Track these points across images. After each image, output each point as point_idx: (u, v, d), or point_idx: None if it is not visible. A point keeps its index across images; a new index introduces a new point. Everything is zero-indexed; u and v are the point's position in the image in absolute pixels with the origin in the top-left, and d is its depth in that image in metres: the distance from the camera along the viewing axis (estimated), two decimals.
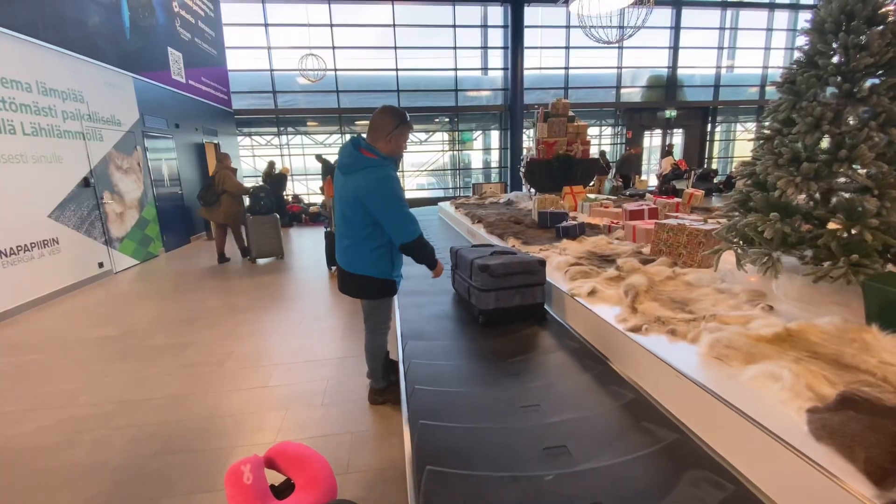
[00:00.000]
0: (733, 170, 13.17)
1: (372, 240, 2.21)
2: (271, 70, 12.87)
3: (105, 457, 2.21)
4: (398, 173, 2.31)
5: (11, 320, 4.41)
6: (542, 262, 2.48)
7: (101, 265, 6.06)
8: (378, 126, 2.15)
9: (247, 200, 6.90)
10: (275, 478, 1.37)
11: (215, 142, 10.58)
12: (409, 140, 2.28)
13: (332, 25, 12.74)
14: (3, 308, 4.45)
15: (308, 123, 13.90)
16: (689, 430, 1.54)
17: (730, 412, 1.38)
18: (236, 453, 2.20)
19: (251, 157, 13.63)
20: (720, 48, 15.32)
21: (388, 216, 2.14)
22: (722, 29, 15.17)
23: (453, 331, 2.43)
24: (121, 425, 2.48)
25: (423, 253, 2.27)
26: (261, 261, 6.88)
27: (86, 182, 5.89)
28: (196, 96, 9.80)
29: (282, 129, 13.63)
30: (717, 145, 16.54)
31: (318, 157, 7.43)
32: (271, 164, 10.82)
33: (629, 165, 11.03)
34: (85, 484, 2.02)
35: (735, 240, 2.26)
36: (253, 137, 13.66)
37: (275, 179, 10.48)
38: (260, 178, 10.93)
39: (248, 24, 12.39)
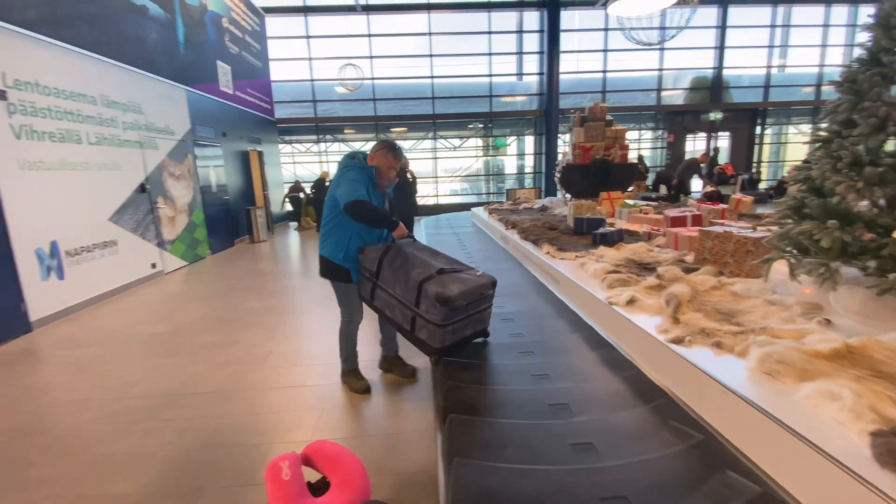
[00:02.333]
0: (784, 174, 12.47)
1: (334, 228, 2.58)
2: (312, 80, 13.32)
3: (154, 447, 2.33)
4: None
5: (74, 315, 4.75)
6: (494, 284, 2.32)
7: (153, 266, 6.43)
8: (374, 147, 2.68)
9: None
10: (310, 475, 1.41)
11: (259, 150, 11.04)
12: (390, 163, 2.61)
13: (370, 36, 13.06)
14: (68, 304, 4.79)
15: (345, 131, 14.26)
16: (736, 447, 1.46)
17: (782, 431, 1.30)
18: (275, 449, 2.27)
19: (292, 164, 14.12)
20: (770, 47, 14.58)
21: (340, 189, 2.47)
22: (773, 27, 14.45)
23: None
24: (169, 418, 2.62)
25: (366, 211, 2.41)
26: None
27: (142, 188, 6.28)
28: (242, 106, 10.27)
29: (321, 136, 14.06)
30: (766, 148, 15.71)
31: None
32: (325, 175, 11.10)
33: (691, 172, 9.63)
34: (136, 472, 2.14)
35: (788, 248, 2.14)
36: (293, 145, 14.16)
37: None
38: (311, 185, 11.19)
39: (290, 36, 12.89)
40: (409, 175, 5.77)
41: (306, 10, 12.78)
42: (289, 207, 12.40)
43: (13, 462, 2.26)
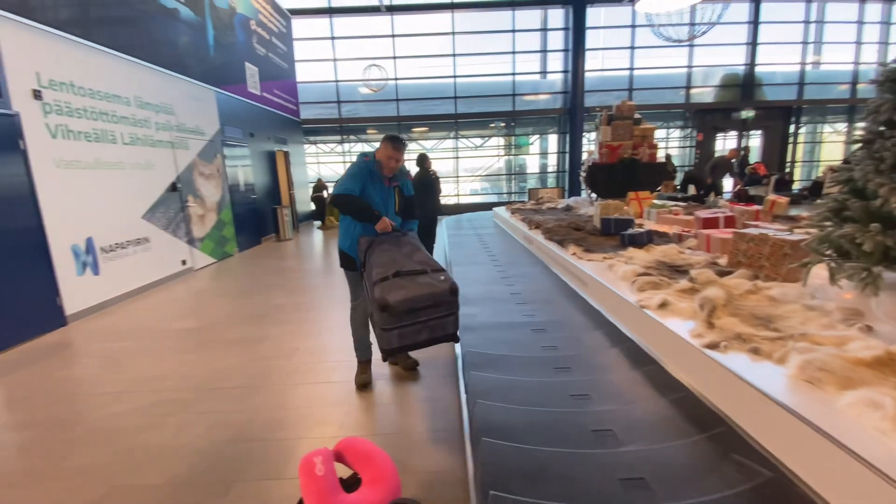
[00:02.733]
0: (819, 174, 12.00)
1: (343, 219, 2.78)
2: (336, 81, 13.49)
3: (186, 440, 2.40)
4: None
5: (109, 310, 4.93)
6: (455, 291, 2.19)
7: (183, 263, 6.62)
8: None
9: None
10: (341, 471, 1.42)
11: (285, 150, 11.24)
12: (389, 153, 2.64)
13: (393, 36, 13.15)
14: (103, 298, 4.98)
15: (368, 131, 14.40)
16: (773, 455, 1.41)
17: (822, 440, 1.25)
18: (302, 444, 2.30)
19: (316, 164, 14.35)
20: (805, 43, 14.06)
21: (337, 184, 2.71)
22: (807, 23, 13.93)
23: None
24: (200, 411, 2.69)
25: (344, 203, 2.58)
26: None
27: (173, 187, 6.47)
28: (269, 107, 10.48)
29: (344, 136, 14.23)
30: (800, 148, 15.15)
31: None
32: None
33: (721, 171, 9.30)
34: (168, 463, 2.21)
35: (828, 252, 2.06)
36: (318, 145, 14.37)
37: None
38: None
39: (315, 38, 13.08)
40: (432, 174, 5.78)
41: (331, 12, 12.96)
42: (312, 207, 12.62)
43: (50, 452, 2.36)
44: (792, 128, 14.48)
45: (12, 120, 4.07)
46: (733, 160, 9.45)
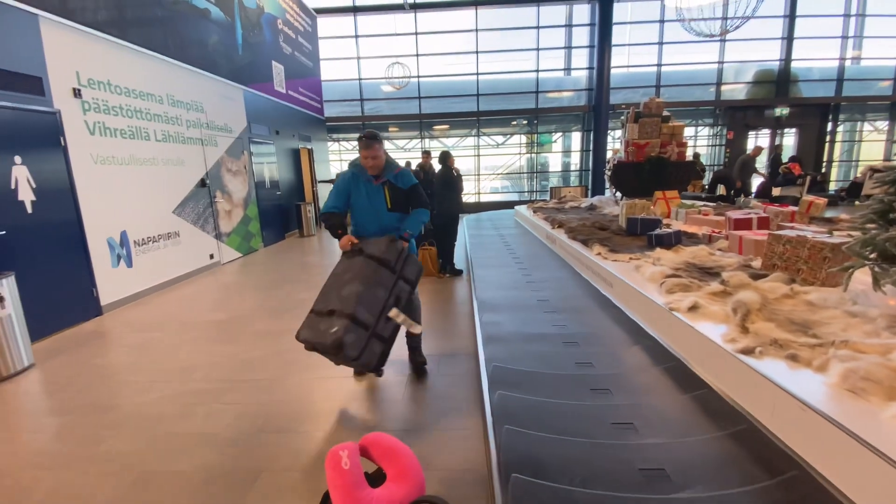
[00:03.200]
0: (858, 175, 11.48)
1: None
2: (359, 79, 13.60)
3: (215, 429, 2.47)
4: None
5: (141, 301, 5.10)
6: (338, 346, 2.28)
7: (211, 257, 6.79)
8: None
9: None
10: (366, 466, 1.43)
11: (309, 147, 11.40)
12: (363, 153, 2.71)
13: (416, 34, 13.17)
14: (136, 290, 5.16)
15: (389, 129, 14.48)
16: (812, 467, 1.36)
17: (867, 453, 1.20)
18: (327, 437, 2.34)
19: (339, 161, 14.50)
20: (844, 37, 13.46)
21: None
22: (846, 16, 13.32)
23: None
24: (229, 402, 2.76)
25: (325, 221, 2.82)
26: None
27: (202, 183, 6.64)
28: (294, 105, 10.64)
29: None
30: (837, 146, 14.53)
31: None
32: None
33: (748, 170, 8.89)
34: (198, 451, 2.27)
35: (872, 256, 1.97)
36: (341, 143, 14.53)
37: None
38: None
39: (340, 36, 13.21)
40: (454, 171, 5.77)
41: (356, 10, 13.06)
42: None
43: (85, 437, 2.45)
44: (829, 126, 13.89)
45: (54, 117, 4.24)
46: (756, 157, 9.13)
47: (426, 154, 7.08)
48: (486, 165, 14.71)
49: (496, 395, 1.99)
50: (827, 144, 13.97)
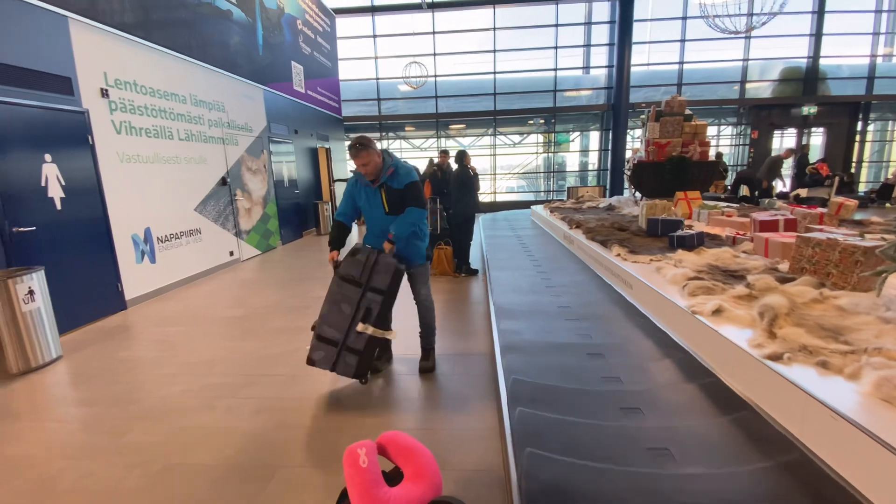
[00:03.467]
0: (889, 176, 11.07)
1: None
2: (377, 79, 13.67)
3: (235, 423, 2.50)
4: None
5: (165, 296, 5.22)
6: (310, 363, 2.68)
7: (231, 254, 6.91)
8: None
9: None
10: (383, 464, 1.43)
11: (327, 146, 11.52)
12: (355, 162, 2.71)
13: (434, 33, 13.18)
14: (159, 285, 5.28)
15: (406, 128, 14.52)
16: (845, 480, 1.31)
17: None
18: (343, 435, 2.35)
19: None
20: (875, 34, 13.00)
21: None
22: (878, 12, 12.86)
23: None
24: (248, 396, 2.80)
25: (332, 229, 2.93)
26: None
27: (223, 181, 6.76)
28: (312, 105, 10.75)
29: (384, 134, 14.42)
30: (867, 146, 14.03)
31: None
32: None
33: (776, 172, 8.59)
34: (218, 444, 2.31)
35: None
36: None
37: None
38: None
39: (358, 36, 13.31)
40: (471, 170, 5.75)
41: (374, 10, 13.13)
42: None
43: (110, 428, 2.51)
44: (859, 125, 13.43)
45: (82, 117, 4.37)
46: (786, 159, 8.84)
47: (444, 153, 7.10)
48: (503, 165, 14.65)
49: (517, 411, 1.85)
50: (856, 144, 13.50)
